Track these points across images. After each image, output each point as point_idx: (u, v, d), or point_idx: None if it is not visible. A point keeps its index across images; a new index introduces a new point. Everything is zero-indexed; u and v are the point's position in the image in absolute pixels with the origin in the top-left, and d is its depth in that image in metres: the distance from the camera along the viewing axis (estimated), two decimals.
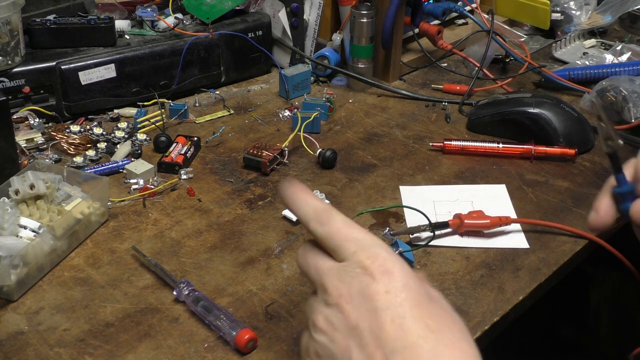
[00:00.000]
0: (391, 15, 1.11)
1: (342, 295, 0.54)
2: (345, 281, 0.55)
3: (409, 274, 0.54)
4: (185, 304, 0.72)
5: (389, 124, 1.08)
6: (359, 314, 0.53)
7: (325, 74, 1.20)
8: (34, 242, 0.74)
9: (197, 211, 0.87)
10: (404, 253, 0.77)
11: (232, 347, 0.68)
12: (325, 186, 0.92)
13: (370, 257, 0.54)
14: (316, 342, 0.55)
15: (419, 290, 0.54)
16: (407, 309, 0.52)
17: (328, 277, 0.56)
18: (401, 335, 0.52)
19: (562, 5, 1.31)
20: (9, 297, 0.73)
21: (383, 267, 0.54)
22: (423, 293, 0.54)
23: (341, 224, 0.57)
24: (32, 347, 0.68)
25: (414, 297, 0.53)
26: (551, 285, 0.80)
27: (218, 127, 1.04)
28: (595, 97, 0.85)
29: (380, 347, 0.52)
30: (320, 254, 0.58)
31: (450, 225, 0.83)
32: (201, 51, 1.11)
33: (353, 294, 0.54)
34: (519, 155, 0.98)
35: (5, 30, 0.97)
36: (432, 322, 0.52)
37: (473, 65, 1.18)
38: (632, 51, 1.22)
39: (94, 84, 1.03)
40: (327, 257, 0.57)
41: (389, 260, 0.54)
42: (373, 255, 0.54)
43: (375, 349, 0.52)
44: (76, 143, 0.98)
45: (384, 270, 0.54)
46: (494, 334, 0.73)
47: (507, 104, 1.04)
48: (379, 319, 0.52)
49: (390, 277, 0.53)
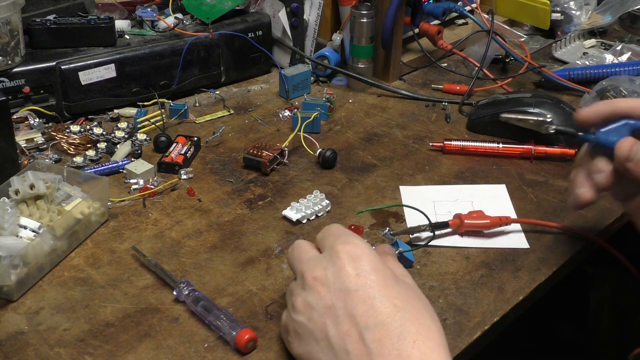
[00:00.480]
0: (391, 15, 1.12)
1: (317, 278, 0.62)
2: (321, 266, 0.62)
3: (376, 258, 0.62)
4: (185, 304, 0.72)
5: (389, 124, 1.08)
6: (334, 294, 0.60)
7: (325, 74, 1.20)
8: (34, 242, 0.74)
9: (197, 211, 0.87)
10: (404, 253, 0.77)
11: (232, 347, 0.68)
12: (325, 186, 0.93)
13: (341, 243, 0.63)
14: (295, 321, 0.62)
15: (385, 272, 0.62)
16: (376, 290, 0.60)
17: (306, 264, 0.64)
18: (372, 313, 0.58)
19: (562, 5, 1.31)
20: (9, 297, 0.73)
21: (353, 252, 0.62)
22: (389, 274, 0.62)
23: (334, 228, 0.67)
24: (32, 347, 0.68)
25: (382, 279, 0.61)
26: (551, 285, 0.80)
27: (218, 127, 1.04)
28: (507, 115, 0.83)
29: (355, 325, 0.58)
30: (305, 247, 0.66)
31: (450, 225, 0.83)
32: (201, 51, 1.11)
33: (328, 277, 0.61)
34: (519, 155, 0.98)
35: (5, 30, 0.97)
36: (398, 301, 0.59)
37: (473, 65, 1.18)
38: (632, 51, 1.22)
39: (94, 84, 1.03)
40: (310, 249, 0.66)
41: (358, 246, 0.62)
42: (343, 242, 0.63)
43: (350, 327, 0.59)
44: (76, 143, 0.98)
45: (353, 255, 0.62)
46: (494, 334, 0.73)
47: (507, 104, 1.04)
48: (352, 299, 0.60)
49: (359, 261, 0.61)
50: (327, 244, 0.64)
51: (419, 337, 0.57)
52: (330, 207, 0.88)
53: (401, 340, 0.57)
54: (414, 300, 0.61)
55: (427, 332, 0.58)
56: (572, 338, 1.24)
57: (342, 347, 0.58)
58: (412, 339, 0.57)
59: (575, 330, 1.24)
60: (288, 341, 0.64)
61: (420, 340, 0.57)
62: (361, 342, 0.57)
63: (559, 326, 1.24)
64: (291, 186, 0.92)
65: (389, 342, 0.57)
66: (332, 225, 0.67)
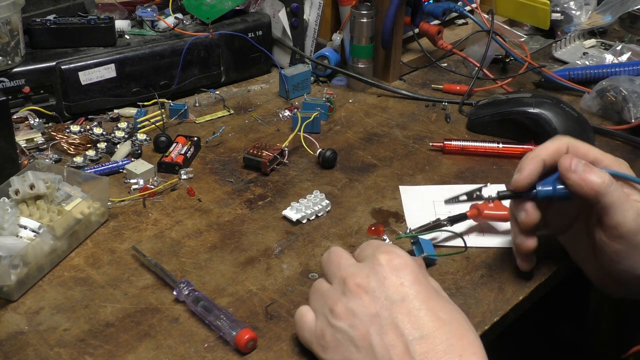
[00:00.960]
0: (391, 15, 1.11)
1: (361, 285, 0.60)
2: (363, 273, 0.61)
3: (418, 270, 0.61)
4: (185, 304, 0.72)
5: (389, 124, 1.08)
6: (378, 303, 0.59)
7: (325, 74, 1.20)
8: (34, 242, 0.74)
9: (197, 211, 0.87)
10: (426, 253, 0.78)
11: (232, 347, 0.68)
12: (325, 186, 0.93)
13: (384, 252, 0.61)
14: (334, 327, 0.60)
15: (427, 284, 0.61)
16: (421, 302, 0.59)
17: (347, 270, 0.62)
18: (418, 326, 0.57)
19: (562, 5, 1.31)
20: (9, 297, 0.73)
21: (395, 262, 0.61)
22: (430, 287, 0.61)
23: (373, 241, 0.66)
24: (32, 347, 0.68)
25: (425, 291, 0.60)
26: (551, 286, 0.80)
27: (218, 127, 1.04)
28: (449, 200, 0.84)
29: (400, 336, 0.57)
30: (344, 254, 0.65)
31: (469, 216, 0.82)
32: (201, 51, 1.11)
33: (371, 285, 0.60)
34: (519, 155, 0.98)
35: (5, 30, 0.97)
36: (443, 314, 0.59)
37: (473, 65, 1.18)
38: (632, 51, 1.22)
39: (94, 84, 1.03)
40: (349, 257, 0.65)
41: (400, 257, 0.61)
42: (386, 252, 0.62)
43: (396, 337, 0.57)
44: (76, 143, 0.98)
45: (396, 265, 0.60)
46: (494, 334, 0.73)
47: (507, 104, 1.04)
48: (397, 309, 0.58)
49: (402, 271, 0.60)
50: (367, 254, 0.63)
51: (465, 352, 0.56)
52: (330, 207, 0.88)
53: (447, 355, 0.56)
54: (457, 314, 0.60)
55: (472, 347, 0.57)
56: (572, 338, 1.24)
57: (386, 357, 0.57)
58: (458, 353, 0.56)
59: (575, 330, 1.24)
60: (321, 346, 0.62)
61: (466, 356, 0.56)
62: (407, 354, 0.56)
63: (559, 326, 1.24)
64: (291, 186, 0.92)
65: (434, 356, 0.56)
66: (371, 241, 0.66)
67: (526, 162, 0.72)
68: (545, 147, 0.72)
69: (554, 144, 0.72)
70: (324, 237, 0.83)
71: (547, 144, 0.73)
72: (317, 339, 0.62)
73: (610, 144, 1.03)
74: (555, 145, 0.72)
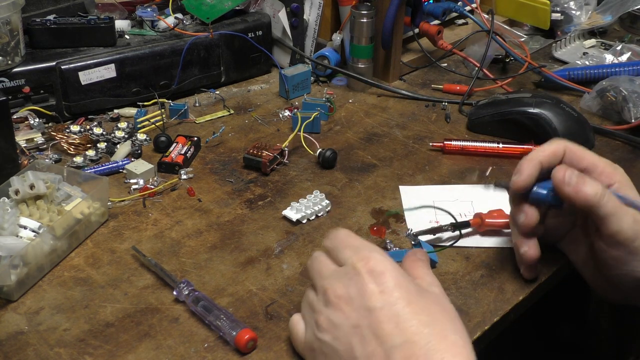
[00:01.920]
0: (391, 15, 1.11)
1: (341, 297, 0.60)
2: (343, 283, 0.61)
3: (399, 273, 0.60)
4: (185, 304, 0.72)
5: (389, 124, 1.08)
6: (358, 313, 0.59)
7: (325, 74, 1.20)
8: (34, 242, 0.74)
9: (197, 211, 0.87)
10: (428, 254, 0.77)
11: (232, 347, 0.68)
12: (325, 186, 0.93)
13: (362, 259, 0.60)
14: (320, 340, 0.61)
15: (409, 287, 0.60)
16: (400, 307, 0.58)
17: (327, 280, 0.62)
18: (397, 332, 0.57)
19: (562, 5, 1.31)
20: (9, 297, 0.73)
21: (375, 268, 0.60)
22: (413, 289, 0.60)
23: (343, 234, 0.64)
24: (32, 347, 0.68)
25: (406, 295, 0.59)
26: (551, 286, 0.80)
27: (218, 127, 1.04)
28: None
29: (381, 345, 0.57)
30: (324, 261, 0.64)
31: (472, 224, 0.82)
32: (201, 51, 1.11)
33: (351, 295, 0.60)
34: (519, 155, 0.98)
35: (5, 30, 0.97)
36: (424, 317, 0.58)
37: (473, 65, 1.18)
38: (632, 51, 1.22)
39: (94, 84, 1.03)
40: (329, 263, 0.64)
41: (380, 262, 0.60)
42: (365, 258, 0.60)
43: (377, 346, 0.57)
44: (76, 143, 0.98)
45: (376, 271, 0.59)
46: (494, 334, 0.73)
47: (507, 104, 1.04)
48: (376, 318, 0.58)
49: (382, 277, 0.59)
50: (345, 258, 0.62)
51: (446, 354, 0.56)
52: (330, 207, 0.88)
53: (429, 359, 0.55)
54: (439, 314, 0.59)
55: (454, 348, 0.57)
56: (572, 338, 1.24)
57: None
58: (440, 356, 0.55)
59: (575, 330, 1.24)
60: (312, 357, 0.63)
61: (447, 358, 0.56)
62: None
63: (559, 326, 1.24)
64: (291, 186, 0.92)
65: None
66: (340, 232, 0.65)
67: (524, 165, 0.72)
68: (543, 149, 0.73)
69: (551, 147, 0.73)
70: (324, 237, 0.83)
71: (545, 147, 0.73)
72: (307, 351, 0.63)
73: (610, 144, 1.03)
74: (553, 149, 0.73)
